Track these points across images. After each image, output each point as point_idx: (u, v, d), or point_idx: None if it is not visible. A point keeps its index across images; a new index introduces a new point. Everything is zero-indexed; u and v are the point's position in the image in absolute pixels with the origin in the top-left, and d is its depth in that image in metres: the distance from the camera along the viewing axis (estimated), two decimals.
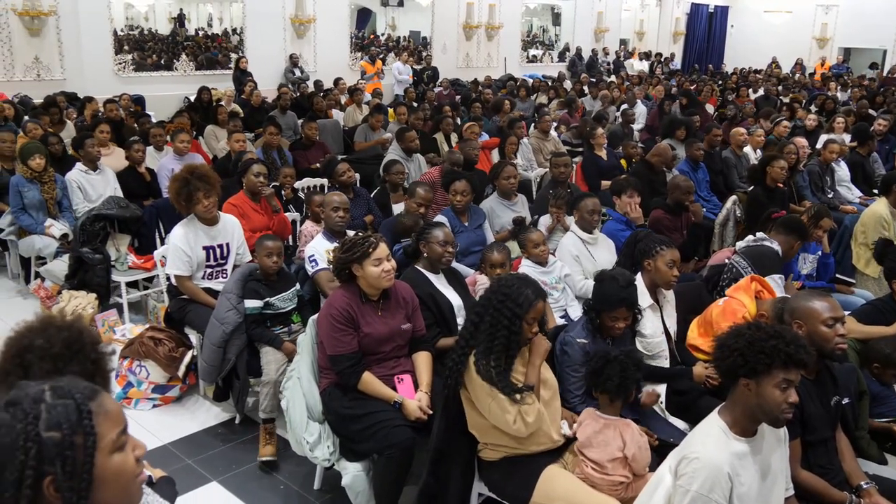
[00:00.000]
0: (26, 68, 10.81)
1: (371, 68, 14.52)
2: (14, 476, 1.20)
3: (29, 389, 1.29)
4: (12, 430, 1.22)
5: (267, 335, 3.91)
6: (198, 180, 4.18)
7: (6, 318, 5.58)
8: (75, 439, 1.25)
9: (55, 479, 1.23)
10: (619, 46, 21.57)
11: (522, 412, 2.70)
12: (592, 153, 7.41)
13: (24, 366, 1.65)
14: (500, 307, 2.76)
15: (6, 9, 10.43)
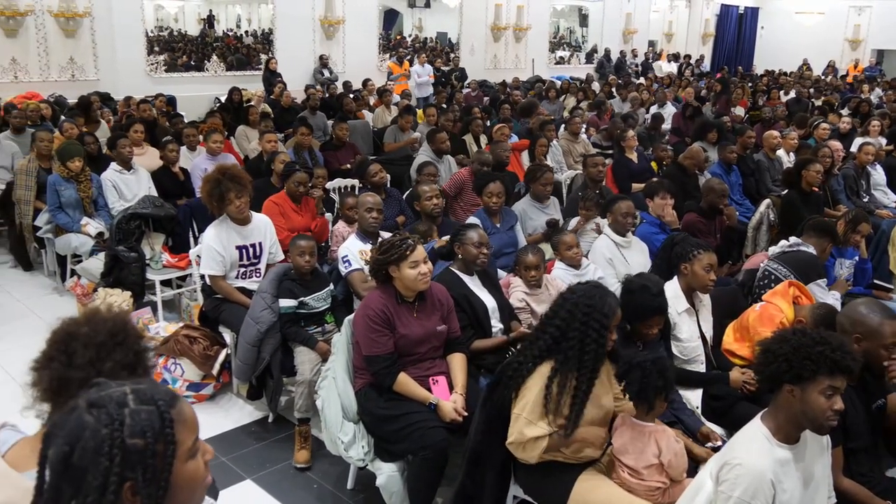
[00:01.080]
0: (61, 69, 10.99)
1: (398, 69, 14.55)
2: (98, 482, 1.20)
3: (111, 391, 1.28)
4: (97, 435, 1.22)
5: (301, 334, 3.93)
6: (230, 181, 4.21)
7: (43, 314, 5.68)
8: (157, 447, 1.25)
9: (134, 484, 1.23)
10: (648, 48, 21.43)
11: (534, 445, 2.67)
12: (623, 155, 7.36)
13: (67, 353, 1.66)
14: (586, 320, 2.68)
15: (42, 10, 10.60)
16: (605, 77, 16.86)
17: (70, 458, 1.21)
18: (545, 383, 2.66)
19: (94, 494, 1.19)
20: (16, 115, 7.71)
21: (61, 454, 1.21)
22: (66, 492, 1.21)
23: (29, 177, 6.18)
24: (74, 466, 1.21)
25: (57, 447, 1.22)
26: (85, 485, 1.20)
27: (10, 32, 10.43)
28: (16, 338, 5.25)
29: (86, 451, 1.21)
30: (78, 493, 1.20)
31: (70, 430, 1.23)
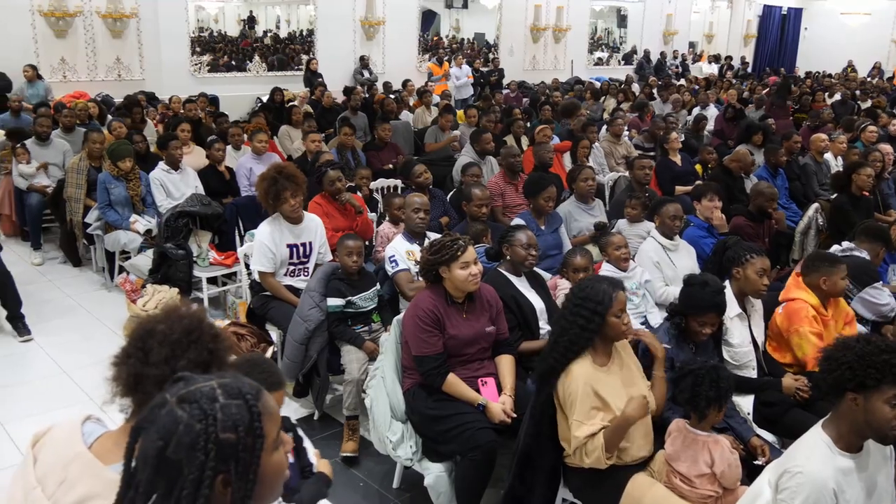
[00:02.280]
0: (108, 69, 11.19)
1: (438, 70, 14.58)
2: (194, 475, 1.22)
3: (200, 386, 1.30)
4: (191, 430, 1.24)
5: (349, 333, 3.96)
6: (286, 180, 4.26)
7: (92, 310, 5.79)
8: (248, 441, 1.27)
9: (227, 477, 1.25)
10: (688, 49, 21.20)
11: (593, 445, 2.68)
12: (666, 157, 7.29)
13: (144, 350, 1.68)
14: (577, 309, 2.77)
15: (91, 11, 10.81)
16: (645, 78, 16.71)
17: (164, 453, 1.23)
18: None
19: (190, 487, 1.22)
20: (66, 115, 7.88)
21: (156, 449, 1.23)
22: (160, 485, 1.23)
23: (80, 175, 6.31)
24: (169, 461, 1.23)
25: (150, 442, 1.24)
26: (181, 478, 1.22)
27: (59, 33, 10.65)
28: (66, 332, 5.37)
29: (180, 446, 1.23)
30: (173, 487, 1.22)
31: (163, 425, 1.25)
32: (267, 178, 4.31)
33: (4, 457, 3.82)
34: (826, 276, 3.61)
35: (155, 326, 1.66)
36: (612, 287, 2.79)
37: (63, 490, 1.51)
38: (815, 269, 3.67)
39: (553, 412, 2.87)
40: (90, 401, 4.39)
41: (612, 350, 2.88)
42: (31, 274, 6.46)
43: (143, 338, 1.65)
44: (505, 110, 9.96)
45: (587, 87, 13.67)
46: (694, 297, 3.16)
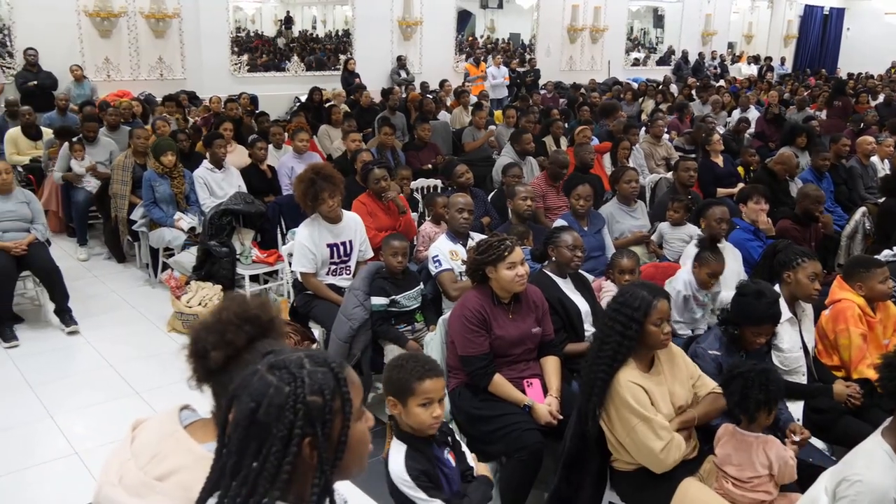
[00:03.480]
0: (150, 68, 11.36)
1: (475, 70, 14.57)
2: (282, 433, 1.29)
3: (288, 356, 1.38)
4: (281, 392, 1.31)
5: (393, 332, 3.97)
6: (323, 180, 4.27)
7: (137, 305, 5.89)
8: (334, 404, 1.34)
9: (313, 440, 1.32)
10: (727, 50, 20.93)
11: (675, 444, 2.67)
12: (708, 159, 7.21)
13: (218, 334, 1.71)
14: (615, 315, 2.75)
15: (134, 11, 10.98)
16: (684, 79, 16.53)
17: (256, 414, 1.31)
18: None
19: (279, 445, 1.29)
20: (111, 113, 8.02)
21: (248, 410, 1.31)
22: (251, 446, 1.30)
23: (125, 172, 6.41)
24: (260, 422, 1.30)
25: (243, 404, 1.32)
26: (270, 437, 1.29)
27: (104, 33, 10.83)
28: (112, 327, 5.46)
29: (271, 407, 1.30)
30: (262, 446, 1.30)
31: (255, 388, 1.33)
32: (304, 179, 4.32)
33: (55, 447, 3.90)
34: (862, 280, 3.55)
35: (220, 315, 1.70)
36: (652, 294, 2.75)
37: (154, 462, 1.59)
38: (852, 273, 3.62)
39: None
40: (136, 394, 4.47)
41: (653, 357, 2.86)
42: (78, 269, 6.58)
43: (210, 326, 1.69)
44: (543, 111, 9.92)
45: (625, 87, 13.57)
46: (749, 308, 3.10)
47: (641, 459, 2.72)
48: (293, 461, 1.29)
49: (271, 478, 1.28)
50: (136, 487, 1.55)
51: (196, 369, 1.71)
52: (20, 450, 3.90)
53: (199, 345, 1.68)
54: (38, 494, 3.51)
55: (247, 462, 1.30)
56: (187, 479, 1.52)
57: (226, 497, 1.30)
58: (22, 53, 10.12)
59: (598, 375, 2.75)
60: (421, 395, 2.41)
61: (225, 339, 1.65)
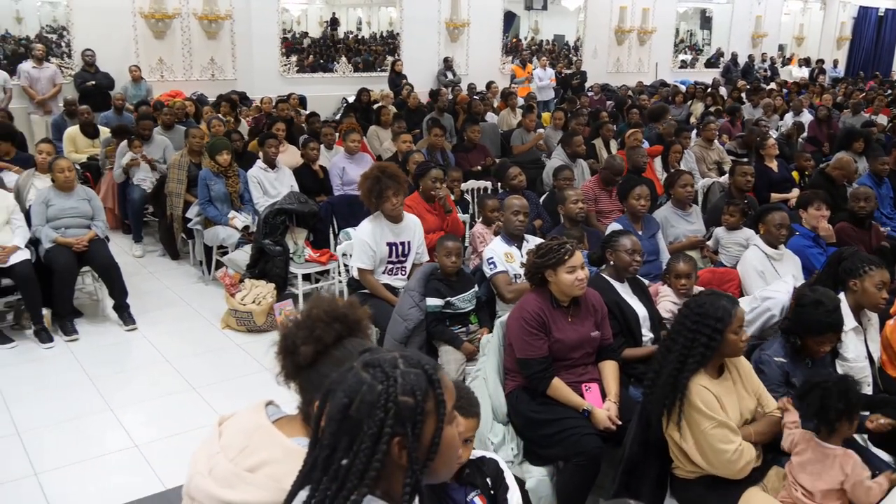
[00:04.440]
0: (202, 69, 11.55)
1: (522, 72, 14.53)
2: (373, 430, 1.31)
3: (383, 355, 1.40)
4: (373, 390, 1.34)
5: (447, 333, 3.98)
6: (388, 178, 4.34)
7: (191, 302, 5.99)
8: (426, 406, 1.35)
9: (403, 439, 1.33)
10: (777, 52, 20.54)
11: (746, 448, 2.63)
12: (762, 164, 7.08)
13: (289, 344, 1.74)
14: (696, 327, 2.71)
15: (188, 13, 11.18)
16: (733, 82, 16.28)
17: (348, 410, 1.34)
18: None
19: (369, 442, 1.31)
20: (166, 113, 8.18)
21: (341, 405, 1.34)
22: (343, 440, 1.33)
23: (181, 171, 6.53)
24: (352, 417, 1.33)
25: (337, 399, 1.35)
26: (361, 433, 1.32)
27: (158, 34, 11.04)
28: (168, 323, 5.57)
29: (363, 404, 1.33)
30: (353, 442, 1.32)
31: (349, 385, 1.36)
32: (370, 176, 4.39)
33: (115, 440, 3.99)
34: None
35: (310, 312, 1.72)
36: (730, 303, 2.74)
37: (244, 455, 1.63)
38: None
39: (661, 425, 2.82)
40: (192, 389, 4.55)
41: (723, 364, 2.83)
42: (133, 266, 6.71)
43: (300, 323, 1.72)
44: (591, 113, 9.86)
45: (673, 90, 13.41)
46: (808, 318, 3.05)
47: (712, 463, 2.69)
48: (382, 459, 1.31)
49: (360, 474, 1.30)
50: (227, 478, 1.59)
51: (285, 365, 1.73)
52: (83, 441, 4.00)
53: (289, 340, 1.70)
54: (101, 485, 3.59)
55: (338, 456, 1.33)
56: (277, 472, 1.56)
57: (317, 490, 1.33)
58: (80, 54, 10.37)
59: (677, 384, 2.71)
60: None
61: (314, 335, 1.68)
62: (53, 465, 3.72)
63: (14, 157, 6.79)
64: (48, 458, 3.77)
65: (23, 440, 3.94)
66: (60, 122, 9.02)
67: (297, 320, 1.74)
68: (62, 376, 4.71)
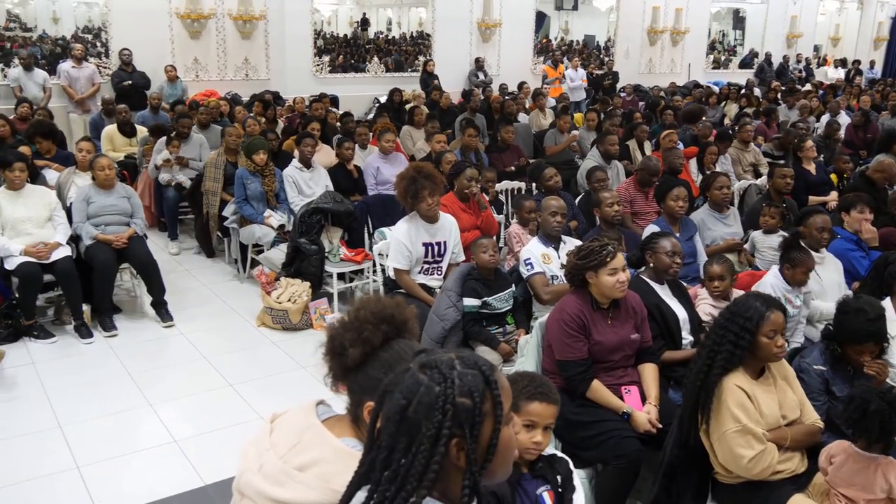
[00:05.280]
0: (237, 69, 11.67)
1: (553, 73, 14.47)
2: (431, 432, 1.31)
3: (440, 356, 1.40)
4: (431, 392, 1.34)
5: (484, 334, 3.99)
6: (424, 178, 4.35)
7: (227, 299, 6.05)
8: (483, 407, 1.35)
9: (461, 441, 1.33)
10: (812, 52, 20.25)
11: (767, 454, 2.61)
12: (800, 166, 6.99)
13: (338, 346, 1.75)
14: (727, 324, 2.73)
15: (223, 13, 11.30)
16: (767, 83, 16.08)
17: (406, 411, 1.34)
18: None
19: (427, 444, 1.31)
20: (202, 112, 8.27)
21: (398, 407, 1.34)
22: (401, 441, 1.33)
23: (217, 169, 6.60)
24: (410, 419, 1.33)
25: (395, 401, 1.35)
26: (419, 435, 1.32)
27: (194, 34, 11.18)
28: (204, 320, 5.63)
29: (421, 406, 1.33)
30: (411, 443, 1.32)
31: (406, 386, 1.36)
32: (406, 177, 4.40)
33: (154, 436, 4.04)
34: None
35: (357, 313, 1.73)
36: (765, 306, 2.71)
37: (294, 452, 1.63)
38: None
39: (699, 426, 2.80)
40: (229, 386, 4.59)
41: (764, 369, 2.80)
42: (170, 263, 6.79)
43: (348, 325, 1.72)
44: (625, 114, 9.79)
45: (706, 91, 13.28)
46: (850, 326, 3.00)
47: (728, 464, 2.69)
48: (441, 460, 1.31)
49: (419, 475, 1.30)
50: (276, 476, 1.60)
51: (332, 367, 1.74)
52: (123, 436, 4.06)
53: (337, 342, 1.71)
54: (141, 480, 3.63)
55: (396, 457, 1.33)
56: (327, 472, 1.57)
57: (375, 491, 1.33)
58: (118, 54, 10.53)
59: (707, 383, 2.71)
60: (526, 414, 2.32)
61: (362, 336, 1.68)
62: (95, 458, 3.78)
63: (55, 155, 6.91)
64: (89, 452, 3.83)
65: (65, 433, 4.01)
66: (98, 120, 9.15)
67: (344, 322, 1.74)
68: (102, 371, 4.78)
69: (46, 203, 5.34)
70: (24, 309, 5.12)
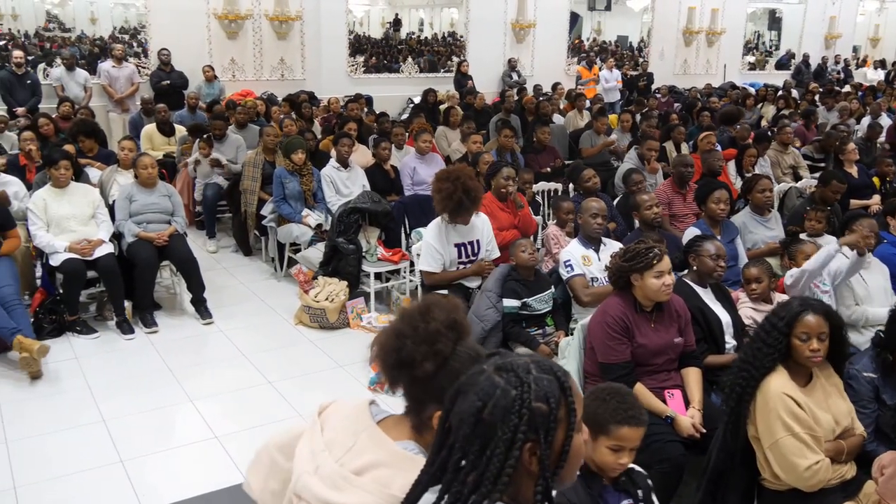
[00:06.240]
0: (272, 69, 11.77)
1: (588, 73, 14.39)
2: (507, 436, 1.30)
3: (515, 359, 1.40)
4: (507, 395, 1.33)
5: (524, 335, 3.98)
6: (465, 195, 4.25)
7: (265, 298, 6.10)
8: (559, 413, 1.35)
9: (534, 446, 1.32)
10: (851, 53, 19.91)
11: (824, 466, 2.58)
12: (841, 169, 6.88)
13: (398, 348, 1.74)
14: (765, 324, 2.72)
15: (260, 14, 11.41)
16: (805, 84, 15.84)
17: (481, 413, 1.33)
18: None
19: (502, 447, 1.30)
20: (240, 112, 8.36)
21: (474, 408, 1.33)
22: (475, 443, 1.32)
23: (255, 168, 6.67)
24: (485, 421, 1.32)
25: (470, 402, 1.34)
26: (494, 438, 1.31)
27: (231, 35, 11.30)
28: (242, 318, 5.68)
29: (497, 408, 1.32)
30: (485, 446, 1.31)
31: (482, 388, 1.35)
32: (444, 188, 4.32)
33: (196, 431, 4.09)
34: None
35: (428, 325, 1.70)
36: (801, 307, 2.67)
37: (351, 456, 1.63)
38: None
39: (746, 432, 2.77)
40: (268, 383, 4.63)
41: (810, 373, 2.75)
42: (208, 261, 6.85)
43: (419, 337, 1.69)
44: (661, 116, 9.71)
45: (742, 92, 13.13)
46: None
47: (784, 474, 2.63)
48: (515, 465, 1.30)
49: (494, 479, 1.29)
50: (334, 479, 1.60)
51: (396, 376, 1.70)
52: (165, 431, 4.12)
53: (405, 354, 1.66)
54: (184, 475, 3.68)
55: (469, 459, 1.32)
56: (385, 476, 1.56)
57: (447, 493, 1.33)
58: (156, 54, 10.67)
59: (737, 382, 2.70)
60: (616, 439, 2.24)
61: (434, 349, 1.64)
62: (138, 453, 3.84)
63: (96, 154, 7.03)
64: (133, 446, 3.88)
65: (108, 428, 4.07)
66: (138, 119, 9.28)
67: (414, 334, 1.68)
68: (143, 367, 4.84)
69: (90, 201, 5.44)
70: (67, 304, 5.21)
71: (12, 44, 10.77)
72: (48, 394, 4.46)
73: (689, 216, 5.61)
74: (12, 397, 4.39)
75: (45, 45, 11.61)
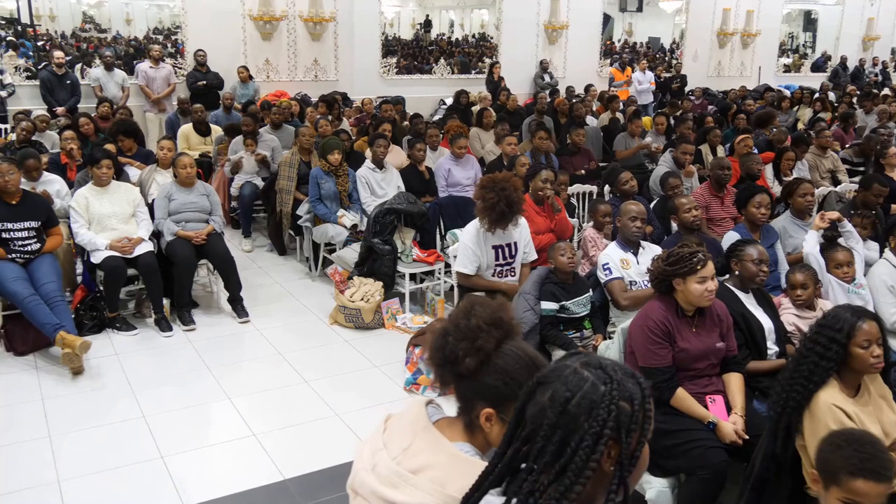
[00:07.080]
0: (306, 69, 11.85)
1: (621, 75, 14.30)
2: (595, 429, 1.30)
3: (602, 358, 1.41)
4: (597, 389, 1.33)
5: (562, 338, 3.97)
6: (507, 206, 4.33)
7: (299, 297, 6.15)
8: (639, 415, 1.34)
9: (615, 444, 1.32)
10: (889, 56, 19.57)
11: None
12: (882, 173, 6.77)
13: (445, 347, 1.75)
14: (816, 337, 2.67)
15: (294, 15, 11.50)
16: (842, 87, 15.60)
17: (569, 404, 1.33)
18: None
19: (590, 440, 1.30)
20: (275, 112, 8.43)
21: (562, 398, 1.33)
22: (557, 434, 1.32)
23: (291, 168, 6.72)
24: (570, 413, 1.32)
25: (556, 392, 1.35)
26: (578, 430, 1.31)
27: (265, 36, 11.40)
28: (278, 317, 5.72)
29: (584, 400, 1.32)
30: (570, 438, 1.31)
31: (570, 380, 1.36)
32: (488, 198, 4.34)
33: (234, 429, 4.12)
34: None
35: (470, 321, 1.72)
36: (856, 316, 2.64)
37: (407, 455, 1.65)
38: None
39: (793, 440, 2.73)
40: (304, 382, 4.66)
41: (860, 382, 2.72)
42: (243, 260, 6.92)
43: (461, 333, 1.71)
44: (697, 119, 9.63)
45: (778, 95, 12.96)
46: None
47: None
48: (598, 459, 1.30)
49: (578, 471, 1.29)
50: (390, 478, 1.62)
51: (442, 375, 1.72)
52: (204, 428, 4.17)
53: (448, 351, 1.69)
54: (223, 472, 3.72)
55: (550, 449, 1.31)
56: (441, 476, 1.57)
57: (525, 481, 1.33)
58: (192, 55, 10.80)
59: (791, 395, 2.67)
60: (848, 492, 2.00)
61: (476, 345, 1.66)
62: (178, 449, 3.88)
63: (135, 153, 7.13)
64: (172, 442, 3.93)
65: (149, 424, 4.12)
66: (174, 119, 9.40)
67: (455, 331, 1.71)
68: (182, 364, 4.90)
69: (130, 199, 5.52)
70: (108, 301, 5.30)
71: (52, 44, 10.95)
72: (89, 389, 4.54)
73: (726, 220, 5.56)
74: (55, 392, 4.47)
75: (82, 45, 11.78)
